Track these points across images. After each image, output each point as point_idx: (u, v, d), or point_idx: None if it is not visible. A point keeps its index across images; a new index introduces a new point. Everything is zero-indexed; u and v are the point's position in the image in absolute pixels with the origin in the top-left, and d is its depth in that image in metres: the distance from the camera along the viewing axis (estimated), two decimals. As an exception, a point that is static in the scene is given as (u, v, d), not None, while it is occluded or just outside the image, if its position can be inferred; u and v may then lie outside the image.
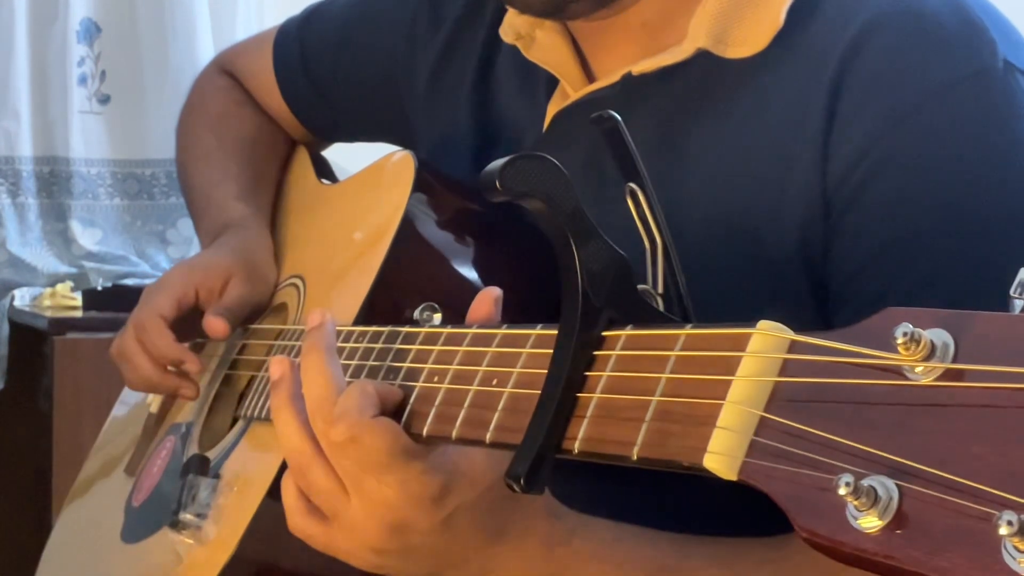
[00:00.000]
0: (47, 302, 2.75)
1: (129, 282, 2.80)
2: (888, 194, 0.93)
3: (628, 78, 1.05)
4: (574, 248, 0.73)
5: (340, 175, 1.40)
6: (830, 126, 0.95)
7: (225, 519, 1.07)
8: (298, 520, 0.90)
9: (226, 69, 1.52)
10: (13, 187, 2.89)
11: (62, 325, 2.55)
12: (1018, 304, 0.51)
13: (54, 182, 2.93)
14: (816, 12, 0.99)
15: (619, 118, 0.78)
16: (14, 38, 2.85)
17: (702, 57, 1.02)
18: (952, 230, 0.91)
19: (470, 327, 0.84)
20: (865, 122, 0.93)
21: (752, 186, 0.98)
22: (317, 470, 0.86)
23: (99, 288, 2.77)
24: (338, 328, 1.04)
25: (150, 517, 1.20)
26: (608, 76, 1.07)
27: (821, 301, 0.96)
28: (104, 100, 2.96)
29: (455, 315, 0.89)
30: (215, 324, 1.22)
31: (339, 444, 0.83)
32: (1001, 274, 0.70)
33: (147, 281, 2.28)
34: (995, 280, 0.68)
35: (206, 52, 2.89)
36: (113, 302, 2.62)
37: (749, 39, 1.00)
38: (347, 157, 1.45)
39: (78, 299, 2.72)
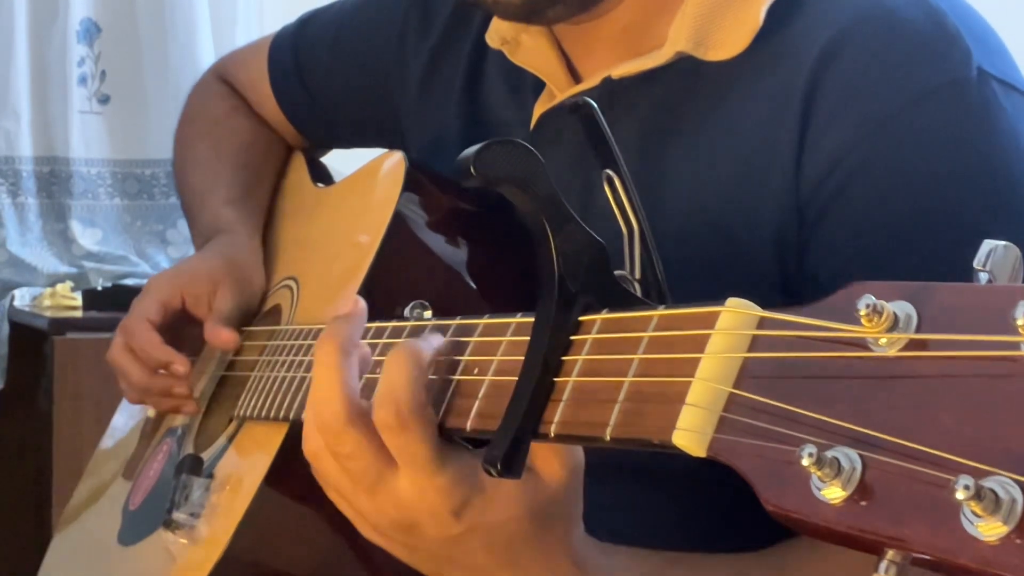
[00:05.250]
0: (47, 302, 2.75)
1: (129, 282, 2.80)
2: (861, 203, 0.92)
3: (608, 81, 1.05)
4: (549, 233, 0.73)
5: (336, 178, 1.40)
6: (804, 134, 0.95)
7: (217, 518, 1.07)
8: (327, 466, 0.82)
9: (223, 77, 1.54)
10: (13, 187, 2.90)
11: (62, 325, 2.55)
12: (983, 276, 0.51)
13: (54, 182, 2.94)
14: (795, 15, 0.99)
15: (595, 104, 0.79)
16: (14, 38, 2.86)
17: (682, 60, 1.02)
18: (925, 238, 0.91)
19: (453, 319, 0.84)
20: (838, 131, 0.93)
21: (729, 189, 0.98)
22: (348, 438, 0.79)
23: (99, 288, 2.77)
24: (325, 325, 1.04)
25: (146, 519, 1.20)
26: (592, 78, 1.08)
27: (794, 301, 0.95)
28: (104, 100, 2.96)
29: (445, 313, 0.89)
30: (225, 335, 1.21)
31: (385, 426, 0.77)
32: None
33: (147, 281, 2.29)
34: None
35: (206, 52, 2.90)
36: (113, 302, 2.62)
37: (729, 41, 1.00)
38: (343, 161, 1.46)
39: (78, 299, 2.72)
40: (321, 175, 1.43)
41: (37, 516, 2.54)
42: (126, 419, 1.46)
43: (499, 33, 1.14)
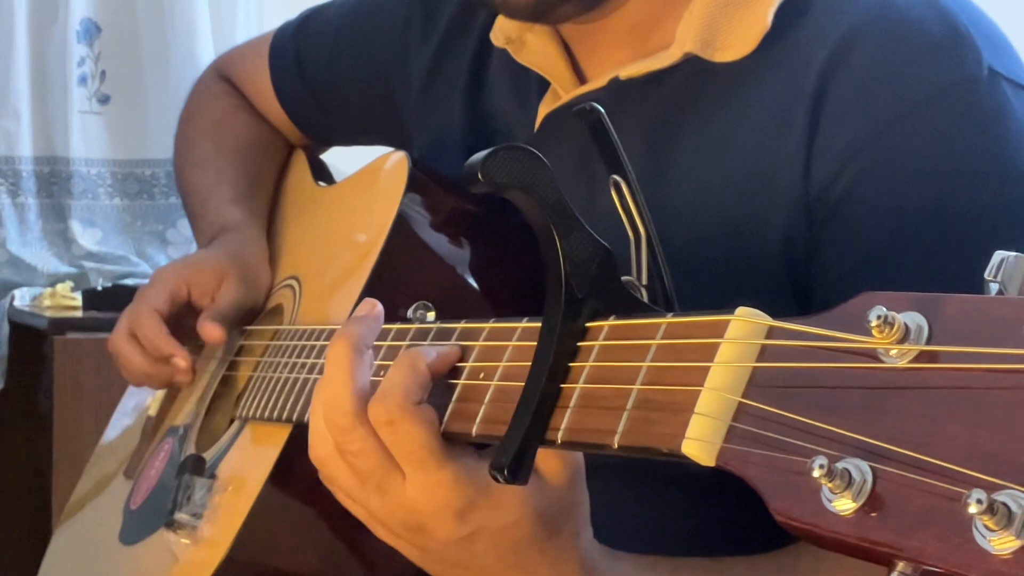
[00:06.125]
0: (47, 302, 2.74)
1: (129, 282, 2.80)
2: (870, 203, 0.92)
3: (616, 82, 1.05)
4: (556, 239, 0.73)
5: (337, 177, 1.40)
6: (813, 135, 0.94)
7: (220, 518, 1.07)
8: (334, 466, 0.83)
9: (223, 74, 1.53)
10: (13, 187, 2.89)
11: (62, 325, 2.54)
12: (993, 287, 0.51)
13: (54, 182, 2.93)
14: (803, 16, 0.98)
15: (602, 110, 0.78)
16: (14, 38, 2.85)
17: (690, 61, 1.01)
18: (935, 239, 0.91)
19: (458, 322, 0.84)
20: (847, 132, 0.93)
21: (737, 190, 0.98)
22: (356, 434, 0.80)
23: (99, 288, 2.77)
24: (329, 327, 1.04)
25: (148, 519, 1.20)
26: (598, 79, 1.07)
27: (804, 303, 0.95)
28: (104, 100, 2.96)
29: (449, 314, 0.89)
30: (210, 329, 1.22)
31: (379, 424, 0.79)
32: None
33: (146, 281, 2.28)
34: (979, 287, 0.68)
35: (206, 52, 2.90)
36: (113, 302, 2.61)
37: (737, 42, 0.99)
38: (344, 160, 1.46)
39: (78, 299, 2.72)
40: (322, 174, 1.43)
41: (37, 516, 2.54)
42: (130, 408, 1.46)
43: (504, 32, 1.13)
